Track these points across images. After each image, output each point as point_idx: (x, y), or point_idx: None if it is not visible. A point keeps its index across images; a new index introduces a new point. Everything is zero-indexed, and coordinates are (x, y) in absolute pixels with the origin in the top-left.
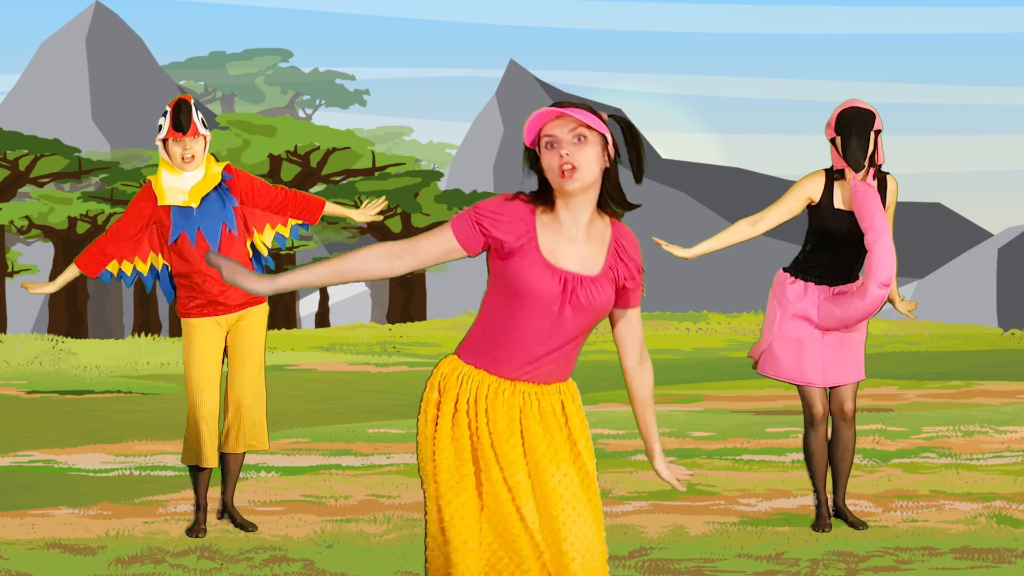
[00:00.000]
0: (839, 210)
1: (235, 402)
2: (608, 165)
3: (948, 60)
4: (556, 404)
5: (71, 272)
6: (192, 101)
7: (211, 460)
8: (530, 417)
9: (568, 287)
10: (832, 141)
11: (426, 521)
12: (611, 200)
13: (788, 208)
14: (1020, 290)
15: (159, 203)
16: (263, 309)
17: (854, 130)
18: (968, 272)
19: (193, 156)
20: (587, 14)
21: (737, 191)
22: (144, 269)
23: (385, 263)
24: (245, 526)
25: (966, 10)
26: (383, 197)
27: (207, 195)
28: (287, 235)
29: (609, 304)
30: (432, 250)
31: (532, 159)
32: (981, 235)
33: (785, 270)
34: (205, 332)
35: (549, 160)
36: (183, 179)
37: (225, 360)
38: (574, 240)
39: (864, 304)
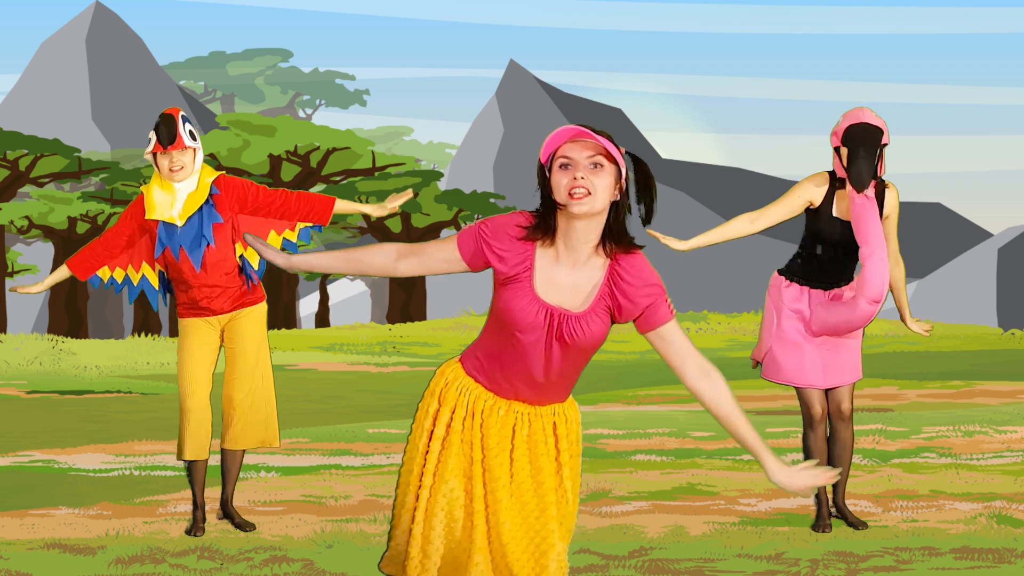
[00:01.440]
0: (835, 218)
1: (227, 399)
2: (617, 199)
3: (948, 60)
4: (548, 426)
5: (61, 272)
6: (180, 114)
7: (200, 453)
8: (519, 437)
9: (553, 322)
10: (836, 150)
11: (393, 507)
12: (613, 236)
13: (789, 208)
14: (1020, 290)
15: (147, 216)
16: (257, 309)
17: (862, 150)
18: (968, 272)
19: (182, 167)
20: (587, 14)
21: (737, 191)
22: (135, 279)
23: (391, 260)
24: (243, 526)
25: (966, 10)
26: (409, 190)
27: (191, 215)
28: (295, 239)
29: (599, 338)
30: (437, 256)
31: (542, 176)
32: (981, 235)
33: (780, 273)
34: (197, 330)
35: (559, 180)
36: (175, 192)
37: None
38: (570, 273)
39: (853, 318)
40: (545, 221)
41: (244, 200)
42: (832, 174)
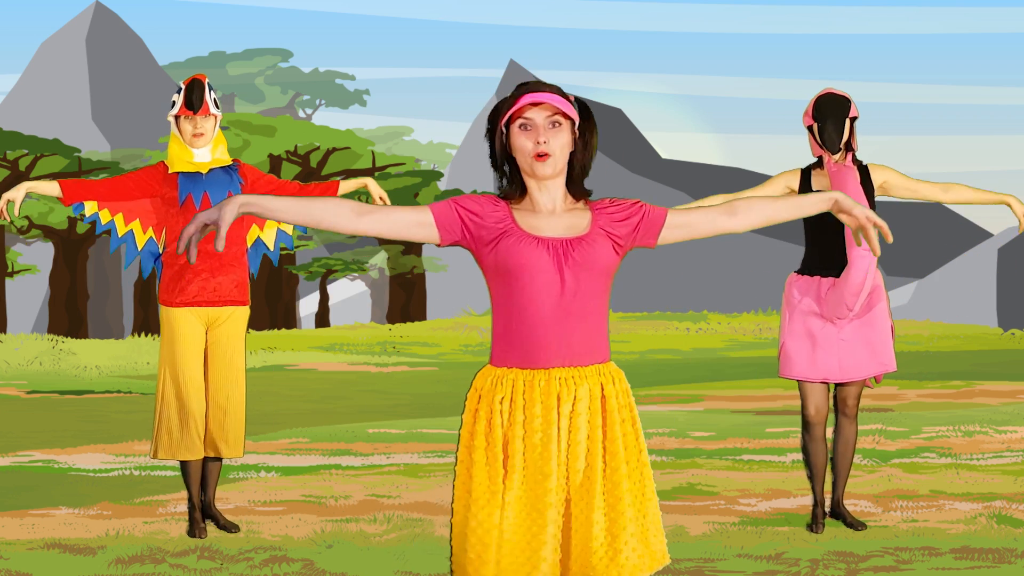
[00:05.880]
0: None
1: (220, 409)
2: (573, 148)
3: (948, 60)
4: (595, 387)
5: (52, 188)
6: (206, 81)
7: (197, 452)
8: (566, 402)
9: (558, 252)
10: (809, 128)
11: (452, 524)
12: (573, 183)
13: (772, 190)
14: (1020, 290)
15: (170, 171)
16: (244, 312)
17: (830, 116)
18: (968, 272)
19: (203, 133)
20: (587, 14)
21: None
22: (122, 229)
23: (352, 217)
24: (229, 527)
25: (966, 10)
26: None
27: (214, 168)
28: (290, 232)
29: (608, 260)
30: (406, 218)
31: (495, 136)
32: (981, 235)
33: (795, 272)
34: (187, 325)
35: (523, 143)
36: (192, 156)
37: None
38: (553, 214)
39: (851, 268)
40: (514, 181)
41: (258, 179)
42: (804, 168)
